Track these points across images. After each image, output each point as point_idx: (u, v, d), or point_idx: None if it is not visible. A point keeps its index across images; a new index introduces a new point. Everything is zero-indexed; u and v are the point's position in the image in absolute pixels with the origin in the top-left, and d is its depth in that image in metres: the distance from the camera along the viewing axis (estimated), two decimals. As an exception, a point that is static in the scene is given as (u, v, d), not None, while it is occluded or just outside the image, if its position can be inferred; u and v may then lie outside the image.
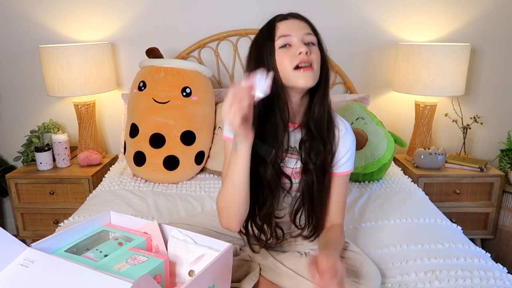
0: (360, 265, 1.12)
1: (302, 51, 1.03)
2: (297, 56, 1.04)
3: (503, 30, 2.28)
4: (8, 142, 2.46)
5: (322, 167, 1.13)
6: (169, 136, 1.87)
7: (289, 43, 1.06)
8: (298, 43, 1.05)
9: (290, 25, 1.08)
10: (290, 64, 1.04)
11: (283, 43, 1.06)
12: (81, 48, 2.06)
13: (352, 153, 1.18)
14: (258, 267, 1.18)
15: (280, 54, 1.05)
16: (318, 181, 1.14)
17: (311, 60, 1.05)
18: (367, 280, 1.07)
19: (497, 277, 1.18)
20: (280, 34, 1.06)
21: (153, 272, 0.90)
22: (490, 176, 2.10)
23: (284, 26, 1.07)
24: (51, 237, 0.96)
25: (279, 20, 1.10)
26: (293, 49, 1.05)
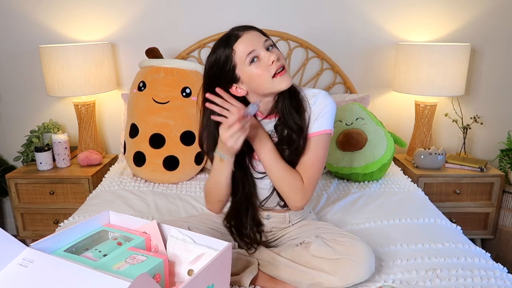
0: (351, 244, 1.14)
1: (273, 59, 1.09)
2: (271, 66, 1.10)
3: (503, 30, 2.28)
4: (8, 142, 2.46)
5: (294, 147, 1.19)
6: (169, 136, 1.87)
7: (256, 56, 1.10)
8: (264, 53, 1.10)
9: (248, 40, 1.10)
10: (268, 74, 1.10)
11: (252, 58, 1.10)
12: (81, 48, 2.07)
13: (329, 115, 1.20)
14: (256, 261, 1.19)
15: (254, 70, 1.11)
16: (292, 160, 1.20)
17: (283, 63, 1.12)
18: (358, 256, 1.11)
19: (498, 276, 1.18)
20: (244, 52, 1.09)
21: (152, 272, 0.90)
22: (490, 176, 2.10)
23: (244, 44, 1.10)
24: (50, 237, 0.96)
25: (234, 41, 1.11)
26: (264, 60, 1.10)
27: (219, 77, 1.14)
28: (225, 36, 1.14)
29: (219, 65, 1.13)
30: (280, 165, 1.17)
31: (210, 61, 1.15)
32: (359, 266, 1.10)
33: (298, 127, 1.18)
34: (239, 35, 1.11)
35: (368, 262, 1.11)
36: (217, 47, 1.14)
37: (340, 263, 1.11)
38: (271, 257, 1.20)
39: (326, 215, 1.61)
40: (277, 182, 1.19)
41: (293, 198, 1.19)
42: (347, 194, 1.81)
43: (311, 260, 1.14)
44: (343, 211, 1.64)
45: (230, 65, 1.12)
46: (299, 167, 1.21)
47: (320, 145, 1.20)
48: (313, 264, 1.13)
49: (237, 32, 1.12)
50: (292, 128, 1.18)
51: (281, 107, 1.19)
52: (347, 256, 1.11)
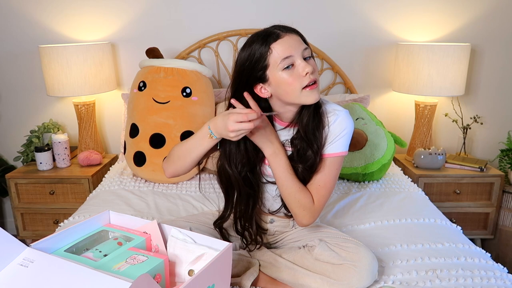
0: (355, 251, 1.13)
1: (308, 71, 1.05)
2: (304, 77, 1.05)
3: (503, 30, 2.28)
4: (8, 142, 2.46)
5: (308, 164, 1.16)
6: (169, 136, 1.87)
7: (292, 63, 1.06)
8: (300, 62, 1.06)
9: (288, 44, 1.05)
10: (299, 85, 1.06)
11: (287, 65, 1.05)
12: (81, 48, 2.07)
13: (346, 138, 1.18)
14: (257, 262, 1.19)
15: (285, 76, 1.06)
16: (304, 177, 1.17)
17: (315, 78, 1.08)
18: (362, 263, 1.10)
19: (498, 276, 1.18)
20: (281, 56, 1.04)
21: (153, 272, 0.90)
22: (490, 176, 2.10)
23: (283, 46, 1.05)
24: (50, 237, 0.96)
25: (274, 40, 1.05)
26: (298, 69, 1.06)
27: (249, 74, 1.09)
28: (263, 32, 1.07)
29: (251, 61, 1.07)
30: (292, 182, 1.14)
31: (244, 55, 1.09)
32: (362, 273, 1.09)
33: (317, 145, 1.15)
34: (280, 35, 1.05)
35: (372, 270, 1.11)
36: (252, 42, 1.08)
37: (344, 269, 1.10)
38: (273, 258, 1.20)
39: (326, 215, 1.61)
40: (288, 198, 1.16)
41: (302, 215, 1.16)
42: (347, 194, 1.81)
43: (314, 263, 1.14)
44: (343, 211, 1.64)
45: (263, 63, 1.06)
46: (311, 186, 1.17)
47: (334, 167, 1.18)
48: (315, 268, 1.13)
49: (278, 31, 1.06)
50: (310, 146, 1.14)
51: (303, 121, 1.14)
52: (351, 262, 1.10)
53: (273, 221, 1.32)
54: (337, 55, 2.31)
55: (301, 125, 1.15)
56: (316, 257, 1.15)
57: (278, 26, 1.09)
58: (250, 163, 1.18)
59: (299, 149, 1.16)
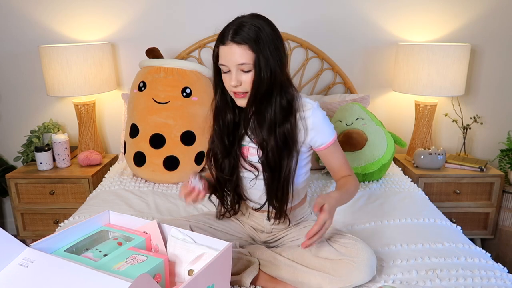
0: (354, 246, 1.14)
1: (231, 84, 1.14)
2: (231, 86, 1.15)
3: (503, 30, 2.28)
4: (8, 142, 2.46)
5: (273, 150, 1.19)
6: (169, 136, 1.87)
7: (227, 70, 1.15)
8: (233, 73, 1.13)
9: (226, 54, 1.12)
10: (228, 87, 1.17)
11: (224, 70, 1.16)
12: (81, 48, 2.07)
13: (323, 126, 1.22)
14: (257, 261, 1.19)
15: (224, 77, 1.17)
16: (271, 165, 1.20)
17: (242, 90, 1.15)
18: (361, 258, 1.11)
19: (498, 276, 1.18)
20: (220, 61, 1.15)
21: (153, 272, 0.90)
22: (490, 176, 2.10)
23: (222, 54, 1.14)
24: (50, 237, 0.96)
25: (221, 43, 1.14)
26: (230, 76, 1.14)
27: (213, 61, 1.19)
28: (224, 29, 1.17)
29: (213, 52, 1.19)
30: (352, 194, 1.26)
31: None
32: (361, 268, 1.09)
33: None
34: (225, 41, 1.12)
35: (370, 265, 1.11)
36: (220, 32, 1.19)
37: (342, 264, 1.11)
38: (272, 257, 1.20)
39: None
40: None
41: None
42: (347, 194, 1.80)
43: (313, 260, 1.14)
44: (343, 211, 1.64)
45: (215, 55, 1.18)
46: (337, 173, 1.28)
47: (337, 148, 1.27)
48: (314, 265, 1.14)
49: (227, 37, 1.12)
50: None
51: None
52: (350, 258, 1.11)
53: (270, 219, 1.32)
54: (337, 55, 2.30)
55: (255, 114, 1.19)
56: (315, 254, 1.15)
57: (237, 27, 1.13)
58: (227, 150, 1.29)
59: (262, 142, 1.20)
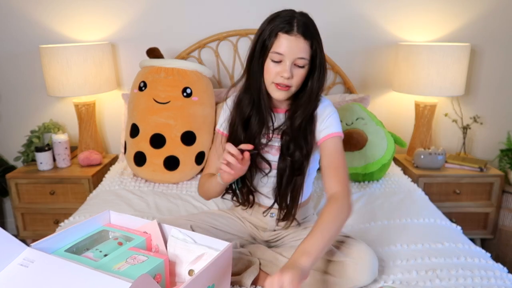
0: (356, 248, 1.14)
1: (284, 76, 1.12)
2: (280, 76, 1.13)
3: (503, 30, 2.28)
4: (8, 142, 2.46)
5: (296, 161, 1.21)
6: (169, 136, 1.87)
7: (280, 60, 1.12)
8: (287, 65, 1.11)
9: (288, 44, 1.10)
10: (272, 77, 1.14)
11: (275, 59, 1.12)
12: (81, 48, 2.07)
13: (333, 118, 1.22)
14: (258, 261, 1.19)
15: (268, 65, 1.14)
16: (290, 171, 1.21)
17: (289, 84, 1.14)
18: (363, 260, 1.10)
19: (498, 276, 1.18)
20: (275, 49, 1.11)
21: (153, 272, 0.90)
22: (490, 176, 2.10)
23: (283, 42, 1.10)
24: (51, 237, 0.96)
25: (283, 30, 1.10)
26: (280, 67, 1.12)
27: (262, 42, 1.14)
28: (289, 15, 1.12)
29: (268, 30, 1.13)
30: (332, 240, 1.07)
31: (265, 24, 1.15)
32: (363, 270, 1.09)
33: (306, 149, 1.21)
34: (291, 32, 1.09)
35: (372, 267, 1.11)
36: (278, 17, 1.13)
37: (344, 265, 1.10)
38: (273, 257, 1.20)
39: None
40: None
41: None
42: (347, 194, 1.80)
43: None
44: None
45: (270, 40, 1.12)
46: (328, 173, 1.18)
47: (338, 147, 1.21)
48: (316, 266, 1.13)
49: (294, 27, 1.10)
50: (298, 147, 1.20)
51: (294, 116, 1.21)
52: (352, 259, 1.10)
53: (274, 215, 1.33)
54: (337, 55, 2.31)
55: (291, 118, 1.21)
56: None
57: (302, 20, 1.12)
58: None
59: (288, 147, 1.21)
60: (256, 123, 1.22)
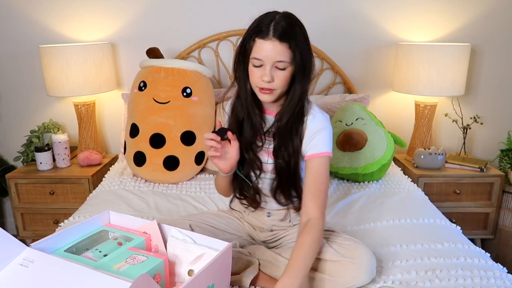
0: (354, 248, 1.14)
1: (264, 80, 1.12)
2: (262, 81, 1.13)
3: (503, 30, 2.28)
4: (8, 142, 2.46)
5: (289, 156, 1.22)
6: (169, 136, 1.87)
7: (260, 64, 1.13)
8: (267, 69, 1.12)
9: (265, 49, 1.10)
10: (256, 82, 1.15)
11: (257, 64, 1.13)
12: (81, 48, 2.07)
13: (324, 136, 1.20)
14: (257, 261, 1.19)
15: (251, 70, 1.15)
16: (287, 167, 1.23)
17: (271, 87, 1.14)
18: (361, 260, 1.10)
19: (497, 276, 1.18)
20: (253, 54, 1.12)
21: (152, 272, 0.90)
22: (490, 176, 2.10)
23: (260, 47, 1.10)
24: (50, 237, 0.96)
25: (259, 35, 1.11)
26: (261, 71, 1.13)
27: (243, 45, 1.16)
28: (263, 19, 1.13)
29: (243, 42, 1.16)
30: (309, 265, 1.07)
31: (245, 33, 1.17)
32: (361, 270, 1.09)
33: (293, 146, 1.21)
34: (266, 36, 1.09)
35: (370, 266, 1.11)
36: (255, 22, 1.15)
37: (342, 265, 1.10)
38: (272, 257, 1.20)
39: (326, 216, 1.61)
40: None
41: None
42: (347, 194, 1.81)
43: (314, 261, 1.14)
44: (343, 212, 1.64)
45: (248, 45, 1.14)
46: (308, 193, 1.17)
47: (323, 168, 1.19)
48: (314, 266, 1.13)
49: (268, 31, 1.09)
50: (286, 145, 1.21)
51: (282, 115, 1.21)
52: (350, 259, 1.11)
53: (270, 214, 1.34)
54: (337, 55, 2.30)
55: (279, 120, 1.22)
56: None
57: (276, 22, 1.10)
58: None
59: (279, 146, 1.22)
60: (248, 126, 1.24)
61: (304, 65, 1.14)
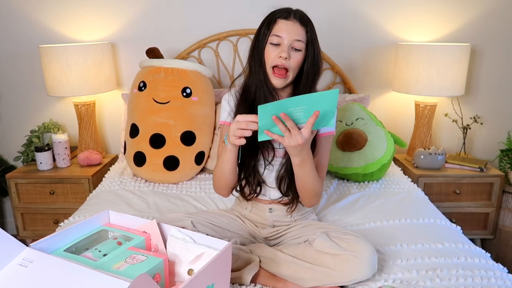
0: (355, 242, 1.15)
1: (282, 56, 1.19)
2: (278, 58, 1.20)
3: (503, 30, 2.28)
4: (8, 142, 2.46)
5: None
6: (169, 136, 1.87)
7: (278, 43, 1.20)
8: (285, 46, 1.20)
9: (286, 27, 1.20)
10: (271, 61, 1.21)
11: (274, 42, 1.21)
12: (81, 48, 2.07)
13: None
14: (258, 258, 1.19)
15: (268, 49, 1.22)
16: None
17: (287, 66, 1.20)
18: (362, 254, 1.11)
19: (498, 276, 1.18)
20: (274, 32, 1.20)
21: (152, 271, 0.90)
22: (490, 176, 2.10)
23: (281, 26, 1.20)
24: (50, 236, 0.96)
25: (282, 17, 1.21)
26: (279, 49, 1.20)
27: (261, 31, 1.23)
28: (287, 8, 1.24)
29: (266, 21, 1.23)
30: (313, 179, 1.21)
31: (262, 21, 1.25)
32: (362, 263, 1.10)
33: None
34: (288, 17, 1.20)
35: (372, 260, 1.12)
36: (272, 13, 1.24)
37: (344, 259, 1.11)
38: (273, 254, 1.21)
39: (326, 216, 1.61)
40: (304, 190, 1.24)
41: (314, 200, 1.28)
42: (347, 194, 1.81)
43: (315, 255, 1.15)
44: (343, 212, 1.64)
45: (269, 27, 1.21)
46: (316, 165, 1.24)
47: (327, 146, 1.30)
48: (316, 260, 1.14)
49: (291, 15, 1.21)
50: None
51: None
52: (351, 253, 1.11)
53: (272, 210, 1.34)
54: (337, 55, 2.30)
55: None
56: (317, 248, 1.16)
57: (299, 11, 1.23)
58: None
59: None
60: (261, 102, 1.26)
61: (316, 51, 1.23)
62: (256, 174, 1.31)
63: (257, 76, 1.25)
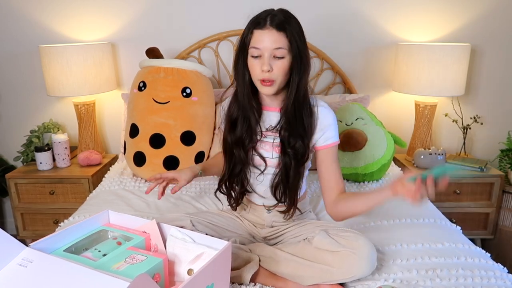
0: (354, 239, 1.15)
1: (263, 70, 1.15)
2: (262, 72, 1.16)
3: (503, 30, 2.28)
4: (8, 142, 2.46)
5: (299, 151, 1.24)
6: (169, 136, 1.87)
7: (259, 55, 1.17)
8: (265, 58, 1.16)
9: (262, 37, 1.15)
10: (256, 75, 1.18)
11: (255, 54, 1.17)
12: (81, 48, 2.07)
13: (334, 127, 1.28)
14: (257, 257, 1.19)
15: (251, 62, 1.19)
16: (295, 162, 1.24)
17: (272, 78, 1.17)
18: (361, 251, 1.11)
19: (498, 276, 1.18)
20: (252, 44, 1.17)
21: (152, 271, 0.90)
22: (490, 176, 2.10)
23: (258, 37, 1.16)
24: (49, 236, 0.96)
25: (256, 27, 1.17)
26: (261, 62, 1.16)
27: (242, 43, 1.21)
28: (261, 14, 1.19)
29: (244, 33, 1.21)
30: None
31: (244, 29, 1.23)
32: (362, 260, 1.10)
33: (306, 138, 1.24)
34: (264, 26, 1.16)
35: (371, 257, 1.12)
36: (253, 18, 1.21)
37: (343, 256, 1.11)
38: (272, 252, 1.21)
39: (326, 216, 1.61)
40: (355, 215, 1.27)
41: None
42: (347, 194, 1.80)
43: (314, 253, 1.15)
44: (343, 211, 1.64)
45: (247, 39, 1.19)
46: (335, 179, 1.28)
47: (336, 155, 1.30)
48: (315, 257, 1.14)
49: (265, 21, 1.16)
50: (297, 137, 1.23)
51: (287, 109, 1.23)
52: (351, 249, 1.11)
53: (270, 211, 1.34)
54: (337, 55, 2.30)
55: (285, 113, 1.23)
56: (316, 245, 1.16)
57: (273, 15, 1.17)
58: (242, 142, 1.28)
59: (288, 141, 1.23)
60: (241, 124, 1.26)
61: (301, 55, 1.18)
62: (242, 184, 1.32)
63: (240, 89, 1.24)
